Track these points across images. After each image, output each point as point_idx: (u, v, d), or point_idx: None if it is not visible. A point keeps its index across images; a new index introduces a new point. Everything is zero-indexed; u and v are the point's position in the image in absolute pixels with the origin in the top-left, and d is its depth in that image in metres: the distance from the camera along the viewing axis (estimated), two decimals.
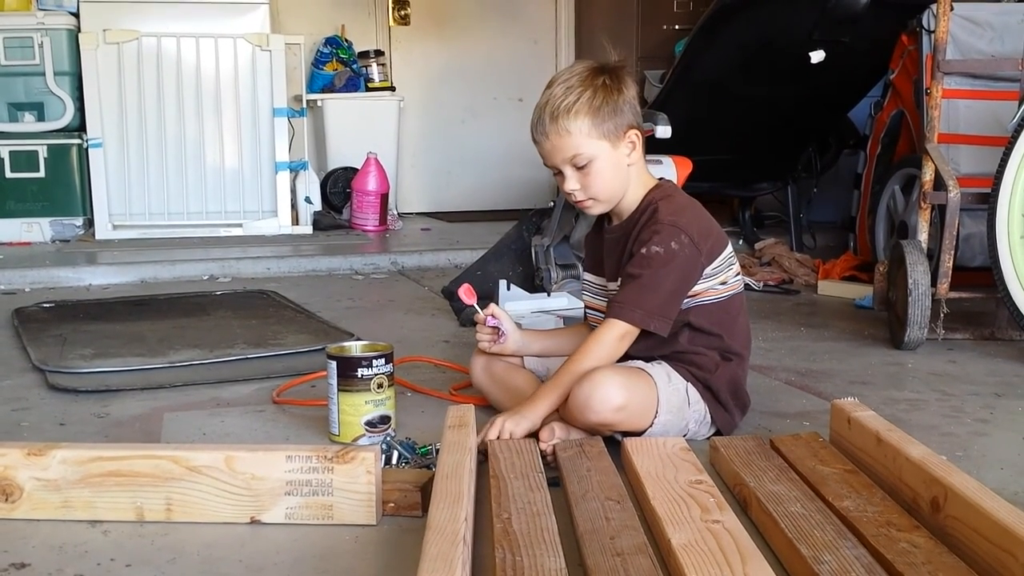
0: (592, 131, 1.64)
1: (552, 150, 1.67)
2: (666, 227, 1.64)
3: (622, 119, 1.66)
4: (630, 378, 1.61)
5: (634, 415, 1.60)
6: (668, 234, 1.64)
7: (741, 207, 4.37)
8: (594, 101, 1.63)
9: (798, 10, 3.32)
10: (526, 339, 1.86)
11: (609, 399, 1.56)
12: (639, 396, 1.60)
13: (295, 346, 2.43)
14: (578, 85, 1.64)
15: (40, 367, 2.24)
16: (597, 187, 1.68)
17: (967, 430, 1.80)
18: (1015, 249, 2.32)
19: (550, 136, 1.66)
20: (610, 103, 1.64)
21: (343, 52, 5.34)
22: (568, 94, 1.64)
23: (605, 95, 1.64)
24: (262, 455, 1.35)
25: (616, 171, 1.68)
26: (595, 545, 1.17)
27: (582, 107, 1.63)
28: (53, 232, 4.42)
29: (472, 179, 5.95)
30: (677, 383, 1.67)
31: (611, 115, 1.65)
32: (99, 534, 1.33)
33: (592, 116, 1.64)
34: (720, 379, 1.69)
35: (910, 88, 3.21)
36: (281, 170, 4.61)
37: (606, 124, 1.65)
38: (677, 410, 1.65)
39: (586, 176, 1.67)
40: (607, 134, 1.65)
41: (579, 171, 1.67)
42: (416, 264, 3.99)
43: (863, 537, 1.19)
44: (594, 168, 1.66)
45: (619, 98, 1.65)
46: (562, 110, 1.64)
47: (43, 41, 4.33)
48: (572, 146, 1.65)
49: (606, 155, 1.66)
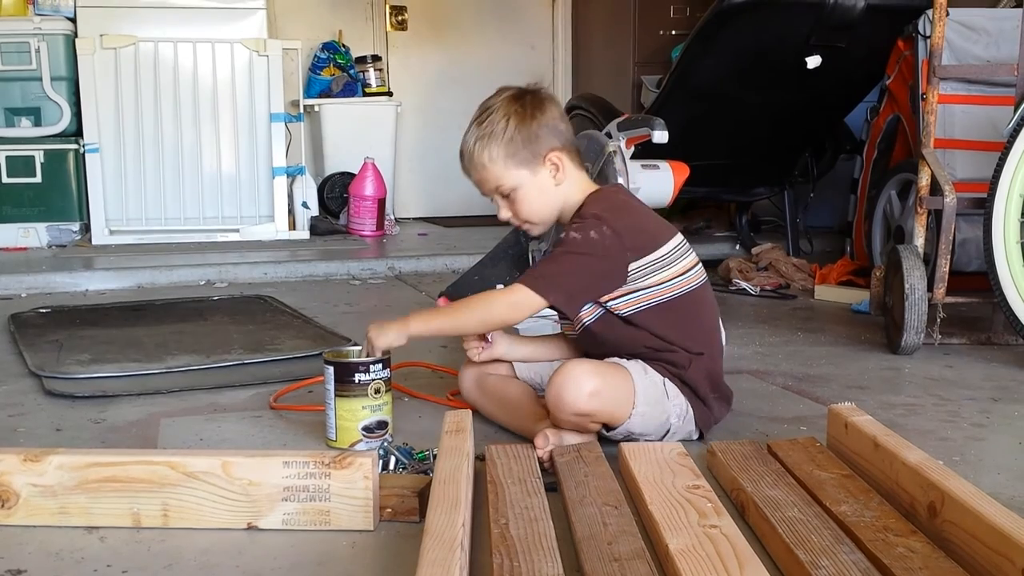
0: (508, 162, 1.70)
1: (479, 182, 1.76)
2: (588, 219, 1.68)
3: (538, 145, 1.70)
4: (602, 367, 1.64)
5: (609, 402, 1.60)
6: (589, 223, 1.67)
7: (738, 212, 4.38)
8: (507, 132, 1.69)
9: (795, 15, 3.33)
10: (512, 343, 1.88)
11: (581, 386, 1.57)
12: (612, 383, 1.62)
13: (292, 351, 2.42)
14: (491, 117, 1.70)
15: (36, 372, 2.24)
16: (525, 212, 1.75)
17: (964, 435, 1.81)
18: (1011, 254, 2.32)
19: (471, 172, 1.75)
20: (523, 131, 1.69)
21: (340, 57, 5.35)
22: (482, 129, 1.71)
23: (517, 124, 1.69)
24: (259, 461, 1.35)
25: (541, 195, 1.73)
26: (593, 551, 1.17)
27: (495, 140, 1.69)
28: (50, 237, 4.42)
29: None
30: (654, 376, 1.67)
31: (526, 143, 1.70)
32: (96, 540, 1.33)
33: (505, 148, 1.69)
34: (696, 374, 1.69)
35: (906, 93, 3.22)
36: (278, 175, 4.61)
37: (521, 153, 1.70)
38: (655, 403, 1.65)
39: (514, 203, 1.74)
40: (524, 162, 1.71)
41: (506, 199, 1.74)
42: (413, 269, 3.99)
43: (860, 542, 1.19)
44: (519, 196, 1.73)
45: (533, 124, 1.70)
46: (477, 146, 1.71)
47: (40, 46, 4.33)
48: (492, 178, 1.73)
49: (528, 182, 1.72)
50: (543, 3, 6.05)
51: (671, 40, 5.08)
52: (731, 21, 3.33)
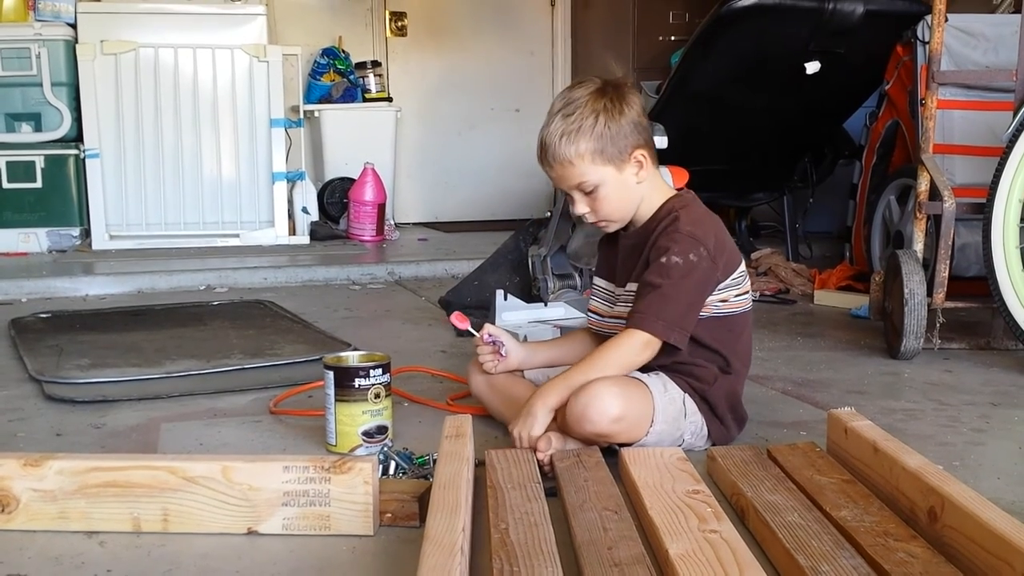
0: (595, 158, 1.64)
1: (558, 178, 1.68)
2: (685, 238, 1.63)
3: (625, 141, 1.64)
4: (627, 388, 1.60)
5: (631, 426, 1.59)
6: (687, 245, 1.62)
7: (737, 217, 4.38)
8: (596, 128, 1.62)
9: (794, 21, 3.33)
10: (528, 352, 1.86)
11: (606, 410, 1.55)
12: (636, 407, 1.60)
13: (292, 356, 2.42)
14: (578, 112, 1.63)
15: (36, 377, 2.24)
16: (607, 210, 1.69)
17: (963, 440, 1.80)
18: (1010, 259, 2.32)
19: (554, 166, 1.66)
20: (612, 128, 1.63)
21: (340, 63, 5.36)
22: (568, 123, 1.63)
23: (607, 120, 1.62)
24: (259, 465, 1.35)
25: (624, 192, 1.68)
26: (593, 555, 1.17)
27: (583, 136, 1.62)
28: (50, 242, 4.42)
29: (469, 189, 5.96)
30: (673, 393, 1.66)
31: (614, 140, 1.63)
32: (95, 545, 1.33)
33: (594, 144, 1.63)
34: (718, 392, 1.69)
35: (905, 99, 3.22)
36: (278, 180, 4.62)
37: (609, 150, 1.63)
38: (673, 420, 1.64)
39: (594, 200, 1.68)
40: (611, 159, 1.64)
41: (587, 196, 1.68)
42: (413, 274, 3.99)
43: (860, 547, 1.19)
44: (601, 193, 1.66)
45: (621, 120, 1.63)
46: (563, 141, 1.63)
47: (40, 52, 4.34)
48: (576, 174, 1.65)
49: (612, 179, 1.66)
50: (542, 9, 6.06)
51: (670, 46, 5.08)
52: (730, 27, 3.34)
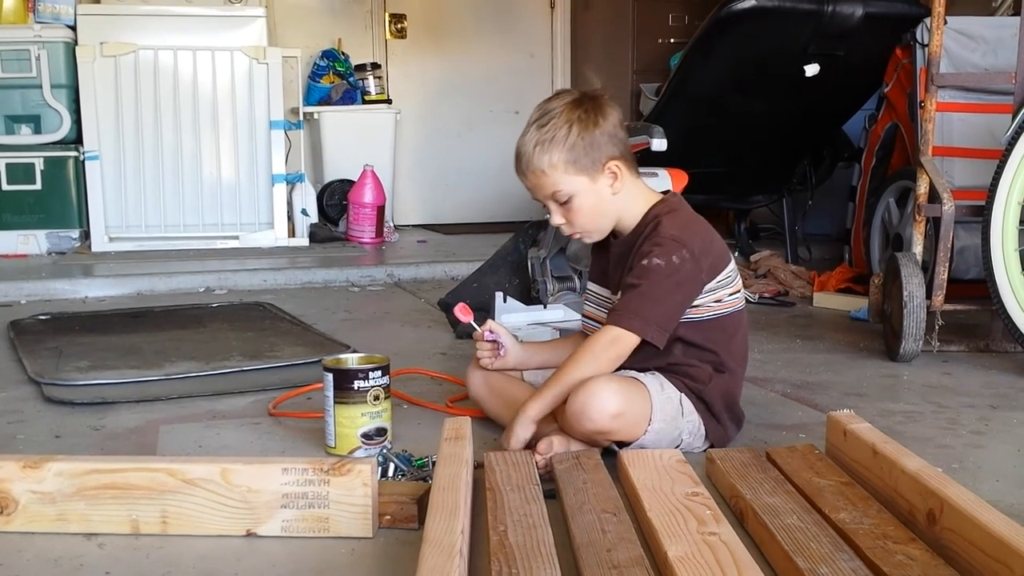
0: (568, 168, 1.65)
1: (533, 187, 1.70)
2: (668, 241, 1.64)
3: (599, 152, 1.66)
4: (625, 385, 1.61)
5: (630, 423, 1.60)
6: (670, 248, 1.63)
7: (737, 219, 4.38)
8: (569, 139, 1.64)
9: (793, 24, 3.34)
10: (526, 352, 1.86)
11: (605, 407, 1.56)
12: (635, 403, 1.60)
13: (291, 358, 2.42)
14: (552, 122, 1.65)
15: (36, 379, 2.24)
16: (581, 221, 1.70)
17: (963, 442, 1.81)
18: (1009, 261, 2.32)
19: (528, 175, 1.69)
20: (585, 138, 1.64)
21: (340, 65, 5.36)
22: (542, 133, 1.65)
23: (580, 130, 1.64)
24: (258, 468, 1.35)
25: (598, 203, 1.69)
26: (591, 558, 1.17)
27: (556, 146, 1.64)
28: (49, 244, 4.41)
29: (468, 192, 5.96)
30: (671, 392, 1.67)
31: (587, 150, 1.65)
32: (94, 547, 1.33)
33: (567, 154, 1.64)
34: (714, 391, 1.69)
35: (904, 101, 3.22)
36: (277, 182, 4.61)
37: (582, 160, 1.65)
38: (671, 419, 1.65)
39: (569, 211, 1.70)
40: (584, 169, 1.66)
41: (562, 206, 1.69)
42: (412, 276, 3.99)
43: (859, 549, 1.19)
44: (575, 203, 1.68)
45: (595, 131, 1.65)
46: (537, 151, 1.65)
47: (40, 54, 4.33)
48: (550, 184, 1.67)
49: (586, 190, 1.67)
50: (542, 11, 6.06)
51: (670, 48, 5.09)
52: (730, 29, 3.34)
